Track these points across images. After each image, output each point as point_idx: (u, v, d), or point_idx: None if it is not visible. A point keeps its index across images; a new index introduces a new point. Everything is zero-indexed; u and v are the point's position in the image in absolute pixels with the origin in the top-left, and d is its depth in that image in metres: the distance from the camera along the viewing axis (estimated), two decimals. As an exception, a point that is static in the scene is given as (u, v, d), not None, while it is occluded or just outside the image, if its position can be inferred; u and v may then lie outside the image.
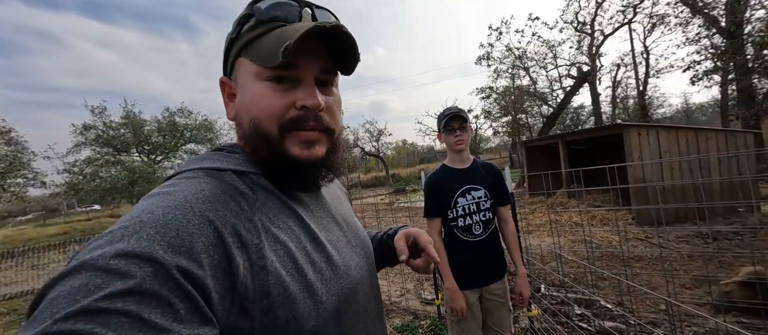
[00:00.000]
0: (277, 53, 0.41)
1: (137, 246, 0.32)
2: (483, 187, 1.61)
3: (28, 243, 12.84)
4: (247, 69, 0.47)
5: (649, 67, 17.50)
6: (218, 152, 0.50)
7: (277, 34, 0.44)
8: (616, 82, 19.96)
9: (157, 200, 0.38)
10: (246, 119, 0.48)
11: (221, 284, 0.36)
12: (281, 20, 0.46)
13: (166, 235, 0.34)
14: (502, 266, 1.67)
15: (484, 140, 31.16)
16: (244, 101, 0.48)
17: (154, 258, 0.32)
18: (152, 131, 17.41)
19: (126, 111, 16.88)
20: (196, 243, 0.35)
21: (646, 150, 5.09)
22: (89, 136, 15.88)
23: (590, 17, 15.46)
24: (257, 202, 0.45)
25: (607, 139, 6.91)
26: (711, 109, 30.01)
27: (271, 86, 0.46)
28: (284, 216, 0.47)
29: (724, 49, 11.22)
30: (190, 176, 0.44)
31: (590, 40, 15.57)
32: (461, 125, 1.59)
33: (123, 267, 0.30)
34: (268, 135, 0.46)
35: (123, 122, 16.61)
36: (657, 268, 3.71)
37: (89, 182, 14.52)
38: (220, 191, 0.42)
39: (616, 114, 20.41)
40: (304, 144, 0.48)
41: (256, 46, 0.46)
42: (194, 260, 0.34)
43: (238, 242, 0.39)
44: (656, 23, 14.42)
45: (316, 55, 0.47)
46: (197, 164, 0.47)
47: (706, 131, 5.23)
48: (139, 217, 0.35)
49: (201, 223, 0.37)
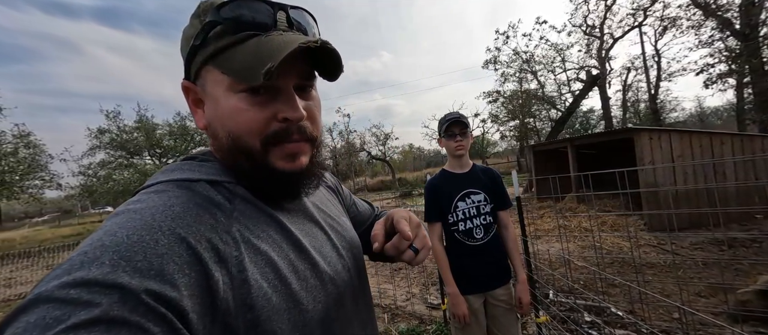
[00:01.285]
0: (257, 73, 0.38)
1: (99, 273, 0.29)
2: (483, 191, 1.62)
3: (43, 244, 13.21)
4: (218, 80, 0.43)
5: (661, 71, 17.22)
6: (189, 161, 0.47)
7: (254, 47, 0.40)
8: (627, 86, 19.66)
9: (122, 219, 0.35)
10: (222, 132, 0.44)
11: (200, 303, 0.34)
12: (253, 26, 0.42)
13: (132, 259, 0.31)
14: (506, 271, 1.65)
15: (491, 144, 30.96)
16: (219, 114, 0.44)
17: (119, 285, 0.29)
18: (164, 134, 17.83)
19: (139, 115, 17.34)
20: (167, 265, 0.33)
21: (658, 155, 4.99)
22: (104, 139, 16.36)
23: (599, 21, 15.35)
24: (235, 212, 0.43)
25: (617, 143, 6.79)
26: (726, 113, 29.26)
27: (247, 97, 0.42)
28: (264, 225, 0.45)
29: (739, 51, 10.96)
30: (160, 190, 0.41)
31: (599, 43, 15.41)
32: (462, 130, 1.61)
33: (85, 296, 0.27)
34: (250, 150, 0.44)
35: (136, 126, 17.06)
36: (670, 275, 3.61)
37: (103, 184, 14.91)
38: (192, 204, 0.39)
39: (627, 118, 20.07)
40: (288, 157, 0.45)
41: (228, 57, 0.41)
42: (167, 282, 0.32)
43: (215, 256, 0.37)
44: (668, 26, 14.19)
45: (296, 64, 0.43)
46: (167, 176, 0.44)
47: (720, 135, 5.09)
48: (101, 240, 0.32)
49: (171, 242, 0.35)
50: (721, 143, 5.02)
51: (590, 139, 6.81)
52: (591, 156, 9.57)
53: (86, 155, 16.11)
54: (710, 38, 11.88)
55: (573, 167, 6.79)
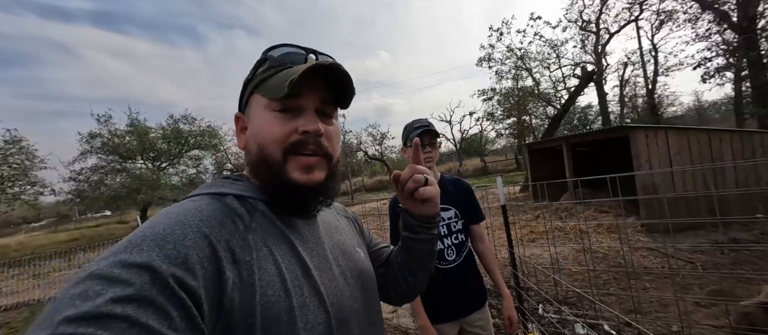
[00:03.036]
0: (283, 86, 0.48)
1: (138, 257, 0.35)
2: (453, 206, 1.48)
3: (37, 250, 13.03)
4: (258, 103, 0.53)
5: (658, 65, 17.03)
6: (225, 179, 0.56)
7: (285, 73, 0.51)
8: (624, 81, 19.47)
9: (161, 218, 0.42)
10: (254, 145, 0.53)
11: (212, 296, 0.38)
12: (289, 63, 0.53)
13: (164, 247, 0.37)
14: (482, 293, 1.52)
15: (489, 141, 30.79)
16: (254, 130, 0.53)
17: (152, 267, 0.34)
18: (157, 138, 17.58)
19: (130, 119, 17.07)
20: (191, 255, 0.38)
21: (655, 153, 4.82)
22: (95, 144, 16.10)
23: (595, 15, 15.09)
24: (253, 223, 0.48)
25: (614, 141, 6.63)
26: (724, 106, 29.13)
27: (277, 115, 0.51)
28: (276, 240, 0.49)
29: (737, 45, 10.78)
30: (195, 199, 0.49)
31: (595, 38, 15.21)
32: (431, 140, 1.46)
33: (123, 275, 0.33)
34: (272, 159, 0.51)
35: (128, 129, 16.80)
36: (668, 282, 3.45)
37: (94, 189, 14.69)
38: (218, 212, 0.46)
39: (624, 113, 19.90)
40: (303, 169, 0.51)
41: (267, 83, 0.52)
42: (189, 270, 0.37)
43: (230, 257, 0.42)
44: (664, 20, 13.99)
45: (317, 89, 0.53)
46: (204, 190, 0.52)
47: (719, 132, 4.92)
48: (143, 232, 0.38)
49: (197, 237, 0.40)
50: (719, 140, 4.85)
51: (586, 137, 6.64)
52: (588, 154, 9.41)
53: (78, 160, 15.86)
54: (707, 31, 11.71)
55: (568, 167, 6.62)
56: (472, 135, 30.01)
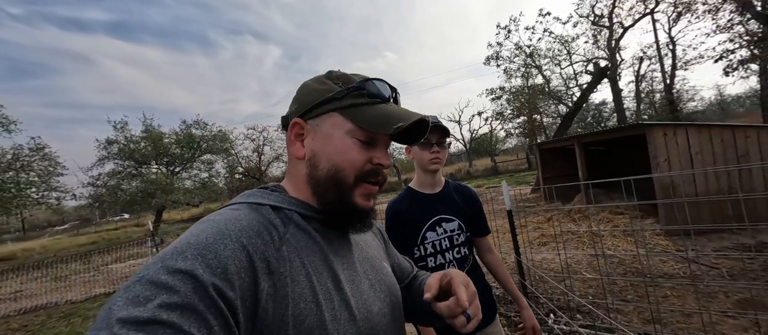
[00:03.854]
0: (388, 126, 0.51)
1: (182, 264, 0.37)
2: (456, 218, 1.33)
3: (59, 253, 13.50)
4: (339, 124, 0.54)
5: (676, 59, 16.36)
6: (262, 190, 0.57)
7: (383, 110, 0.54)
8: (640, 77, 18.79)
9: (204, 225, 0.44)
10: (326, 164, 0.54)
11: (248, 307, 0.40)
12: (381, 98, 0.56)
13: (206, 256, 0.38)
14: (491, 306, 1.37)
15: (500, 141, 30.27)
16: (329, 149, 0.54)
17: (195, 276, 0.36)
18: (171, 143, 18.01)
19: (145, 125, 17.56)
20: (230, 266, 0.39)
21: (674, 152, 4.56)
22: (112, 150, 16.62)
23: (608, 9, 14.63)
24: (287, 235, 0.49)
25: (630, 139, 6.35)
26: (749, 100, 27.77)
27: (358, 143, 0.54)
28: (310, 252, 0.50)
29: (762, 35, 10.22)
30: (235, 208, 0.50)
31: (609, 33, 14.72)
32: (439, 139, 1.29)
33: (170, 281, 0.35)
34: (344, 182, 0.53)
35: (143, 135, 17.28)
36: (690, 289, 3.24)
37: (111, 194, 15.16)
38: (256, 222, 0.47)
39: (641, 110, 19.21)
40: (366, 196, 0.55)
41: (361, 112, 0.53)
42: (227, 280, 0.38)
43: (266, 268, 0.43)
44: (682, 12, 13.42)
45: None
46: (243, 199, 0.54)
47: (745, 128, 4.63)
48: (188, 240, 0.40)
49: (236, 248, 0.42)
50: (745, 136, 4.56)
51: (599, 136, 6.37)
52: (603, 153, 9.07)
53: (95, 165, 16.42)
54: (729, 22, 11.13)
55: (581, 167, 6.37)
56: (482, 135, 29.60)
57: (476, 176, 25.10)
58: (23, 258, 13.15)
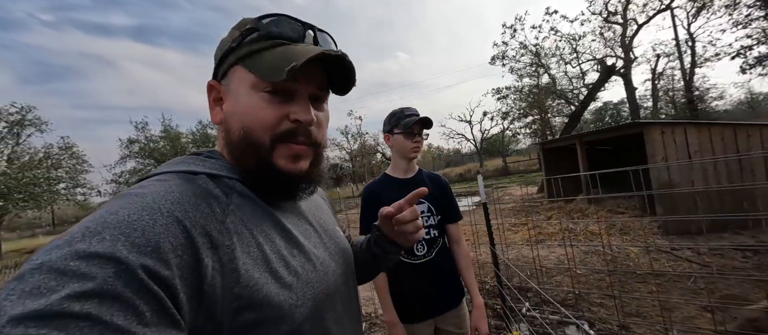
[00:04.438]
0: (281, 71, 0.43)
1: (99, 247, 0.30)
2: (426, 200, 1.42)
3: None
4: (244, 78, 0.47)
5: (696, 57, 15.75)
6: (194, 156, 0.50)
7: (282, 52, 0.46)
8: (658, 74, 18.17)
9: (124, 201, 0.37)
10: (237, 126, 0.48)
11: (189, 285, 0.35)
12: (285, 38, 0.48)
13: (131, 235, 0.33)
14: (457, 291, 1.43)
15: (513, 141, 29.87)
16: (237, 109, 0.48)
17: (118, 258, 0.30)
18: (188, 142, 18.82)
19: (164, 125, 18.41)
20: (163, 243, 0.34)
21: (672, 151, 4.53)
22: (133, 149, 17.55)
23: (622, 6, 14.27)
24: (231, 205, 0.45)
25: (633, 138, 6.28)
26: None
27: (267, 97, 0.47)
28: (258, 219, 0.47)
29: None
30: (162, 179, 0.43)
31: (622, 31, 14.34)
32: (424, 131, 1.41)
33: (82, 268, 0.29)
34: (259, 144, 0.47)
35: (162, 135, 18.15)
36: (678, 286, 3.26)
37: (132, 191, 15.96)
38: (190, 193, 0.42)
39: (658, 109, 18.58)
40: (291, 157, 0.49)
41: (258, 59, 0.47)
42: (161, 260, 0.33)
43: (208, 242, 0.39)
44: (700, 7, 12.94)
45: (315, 74, 0.50)
46: (171, 168, 0.47)
47: (746, 127, 4.53)
48: (103, 218, 0.33)
49: (169, 223, 0.36)
50: (747, 135, 4.48)
51: (598, 135, 6.32)
52: (609, 153, 8.93)
53: (118, 164, 17.34)
54: (747, 18, 10.67)
55: (583, 166, 6.34)
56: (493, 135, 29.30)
57: (486, 177, 24.91)
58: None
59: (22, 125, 15.29)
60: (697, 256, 3.81)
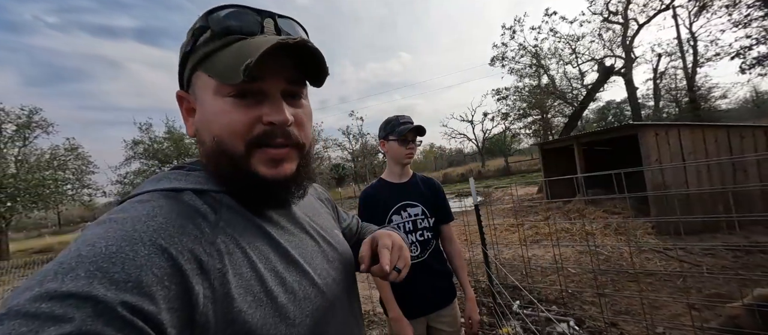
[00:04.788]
0: (237, 71, 0.38)
1: (73, 286, 0.28)
2: (420, 203, 1.48)
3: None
4: (206, 84, 0.44)
5: (698, 56, 15.72)
6: (177, 170, 0.47)
7: (237, 49, 0.41)
8: (659, 74, 18.12)
9: (102, 229, 0.35)
10: (207, 136, 0.45)
11: (179, 317, 0.33)
12: (240, 33, 0.43)
13: (109, 271, 0.30)
14: (449, 290, 1.51)
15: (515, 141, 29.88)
16: (205, 118, 0.44)
17: (94, 297, 0.28)
18: (191, 143, 18.99)
19: (167, 126, 18.61)
20: (145, 276, 0.32)
21: (666, 152, 4.60)
22: (138, 150, 17.76)
23: (622, 6, 14.27)
24: (220, 222, 0.42)
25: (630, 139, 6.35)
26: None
27: (233, 101, 0.42)
28: (250, 236, 0.44)
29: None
30: (144, 199, 0.40)
31: (623, 30, 14.34)
32: (417, 138, 1.48)
33: (57, 309, 0.27)
34: (233, 153, 0.43)
35: (166, 136, 18.35)
36: (668, 284, 3.34)
37: (137, 192, 16.17)
38: (175, 214, 0.39)
39: (659, 108, 18.54)
40: (271, 162, 0.45)
41: (214, 60, 0.43)
42: (144, 294, 0.31)
43: (197, 268, 0.37)
44: (702, 7, 12.92)
45: (282, 68, 0.44)
46: (152, 186, 0.43)
47: (740, 128, 4.60)
48: (78, 251, 0.31)
49: (151, 253, 0.34)
50: (740, 137, 4.54)
51: (595, 137, 6.40)
52: (608, 154, 8.99)
53: (123, 165, 17.58)
54: (746, 17, 10.64)
55: (580, 167, 6.42)
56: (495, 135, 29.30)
57: (488, 177, 24.92)
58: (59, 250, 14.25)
59: (28, 127, 15.53)
60: (689, 256, 3.89)
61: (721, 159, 4.16)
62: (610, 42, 14.77)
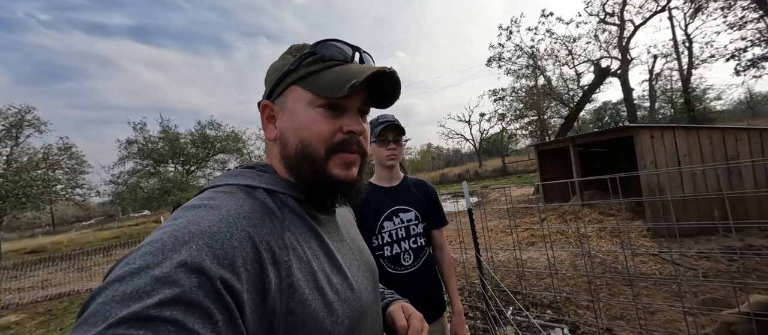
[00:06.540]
0: (342, 87, 0.47)
1: (188, 257, 0.34)
2: (413, 208, 1.40)
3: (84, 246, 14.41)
4: (300, 96, 0.51)
5: (693, 57, 15.80)
6: (250, 169, 0.54)
7: (339, 71, 0.50)
8: (655, 75, 18.22)
9: (202, 212, 0.40)
10: (294, 140, 0.51)
11: (254, 298, 0.38)
12: (338, 60, 0.53)
13: (213, 247, 0.36)
14: (439, 303, 1.44)
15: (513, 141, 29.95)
16: (295, 124, 0.51)
17: (202, 269, 0.34)
18: (186, 143, 18.82)
19: (162, 126, 18.41)
20: (237, 257, 0.37)
21: (661, 154, 4.58)
22: (132, 150, 17.54)
23: (619, 7, 14.31)
24: (285, 221, 0.48)
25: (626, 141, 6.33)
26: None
27: (322, 112, 0.51)
28: (307, 236, 0.50)
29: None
30: (227, 191, 0.47)
31: (619, 32, 14.38)
32: (396, 136, 1.38)
33: (173, 275, 0.32)
34: (315, 156, 0.50)
35: (160, 135, 18.15)
36: (663, 289, 3.31)
37: (131, 192, 16.00)
38: (256, 208, 0.45)
39: (655, 109, 18.62)
40: (344, 165, 0.52)
41: (316, 79, 0.51)
42: (235, 273, 0.36)
43: (271, 258, 0.41)
44: (697, 8, 12.97)
45: (362, 90, 0.54)
46: (232, 180, 0.50)
47: (735, 131, 4.58)
48: (188, 228, 0.37)
49: (242, 237, 0.40)
50: (735, 139, 4.52)
51: (589, 138, 6.38)
52: (604, 155, 8.98)
53: (117, 164, 17.35)
54: (741, 19, 10.69)
55: (575, 168, 6.39)
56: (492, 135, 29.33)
57: (485, 177, 24.92)
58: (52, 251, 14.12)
59: (20, 127, 15.25)
60: (684, 259, 3.86)
61: (717, 164, 4.14)
62: (607, 43, 14.79)
